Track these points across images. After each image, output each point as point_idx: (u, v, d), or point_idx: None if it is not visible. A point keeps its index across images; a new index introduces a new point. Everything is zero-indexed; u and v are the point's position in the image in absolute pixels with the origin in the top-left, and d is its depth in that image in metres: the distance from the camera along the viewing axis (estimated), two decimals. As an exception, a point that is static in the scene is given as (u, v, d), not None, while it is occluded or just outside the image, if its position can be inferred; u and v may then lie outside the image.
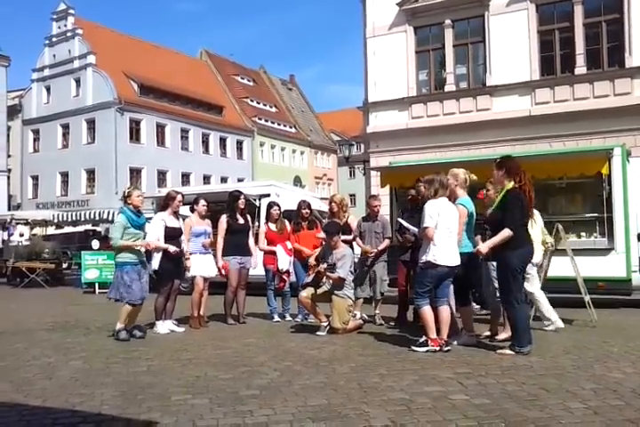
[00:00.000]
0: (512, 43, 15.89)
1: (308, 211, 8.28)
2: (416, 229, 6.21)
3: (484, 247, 5.48)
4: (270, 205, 8.52)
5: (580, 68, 15.27)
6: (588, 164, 9.03)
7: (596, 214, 9.31)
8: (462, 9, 16.66)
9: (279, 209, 8.41)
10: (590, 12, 15.32)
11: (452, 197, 5.95)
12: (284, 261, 8.18)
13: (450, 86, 16.92)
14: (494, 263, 5.83)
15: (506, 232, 5.34)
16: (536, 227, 6.59)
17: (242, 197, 8.12)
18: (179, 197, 7.36)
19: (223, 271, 7.85)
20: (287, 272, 8.25)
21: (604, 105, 14.61)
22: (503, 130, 15.42)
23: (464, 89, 16.93)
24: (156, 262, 7.05)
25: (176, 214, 7.42)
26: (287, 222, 8.45)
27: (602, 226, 9.21)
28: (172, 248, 7.00)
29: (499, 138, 15.31)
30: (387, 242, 7.73)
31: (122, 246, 6.56)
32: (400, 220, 7.34)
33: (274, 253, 8.20)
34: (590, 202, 9.64)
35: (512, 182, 5.58)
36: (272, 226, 8.33)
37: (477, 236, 6.14)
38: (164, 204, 7.42)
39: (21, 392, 4.25)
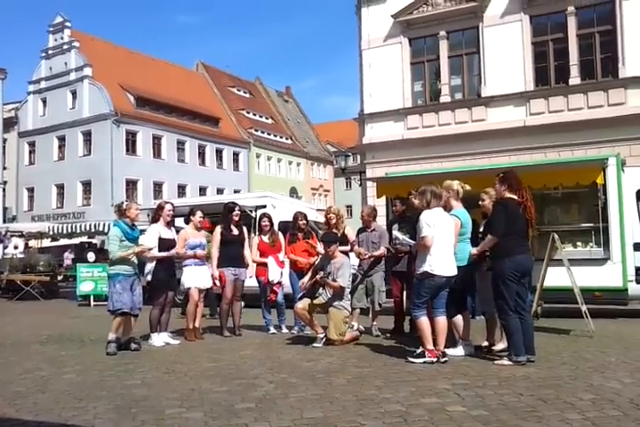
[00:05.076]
0: (506, 54, 16.00)
1: (305, 222, 8.26)
2: (412, 242, 6.18)
3: (474, 250, 5.91)
4: (260, 217, 8.51)
5: (574, 78, 15.37)
6: (583, 174, 9.04)
7: (591, 224, 9.31)
8: (457, 20, 16.80)
9: (268, 221, 8.38)
10: (583, 23, 15.46)
11: (447, 209, 5.94)
12: (275, 273, 8.16)
13: (445, 97, 17.00)
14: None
15: (489, 238, 5.64)
16: None
17: (236, 208, 8.10)
18: (167, 206, 7.35)
19: (217, 282, 7.83)
20: (278, 284, 8.22)
21: (599, 115, 14.69)
22: (498, 140, 15.46)
23: (459, 100, 17.01)
24: (149, 274, 7.05)
25: (169, 225, 7.40)
26: (281, 234, 8.43)
27: (598, 236, 9.20)
28: (170, 253, 7.11)
29: (494, 148, 15.36)
30: (382, 249, 7.68)
31: (121, 258, 6.56)
32: (395, 232, 7.33)
33: (266, 264, 8.18)
34: (586, 212, 9.65)
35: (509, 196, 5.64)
36: (264, 238, 8.31)
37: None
38: (155, 215, 7.40)
39: (13, 406, 4.20)
